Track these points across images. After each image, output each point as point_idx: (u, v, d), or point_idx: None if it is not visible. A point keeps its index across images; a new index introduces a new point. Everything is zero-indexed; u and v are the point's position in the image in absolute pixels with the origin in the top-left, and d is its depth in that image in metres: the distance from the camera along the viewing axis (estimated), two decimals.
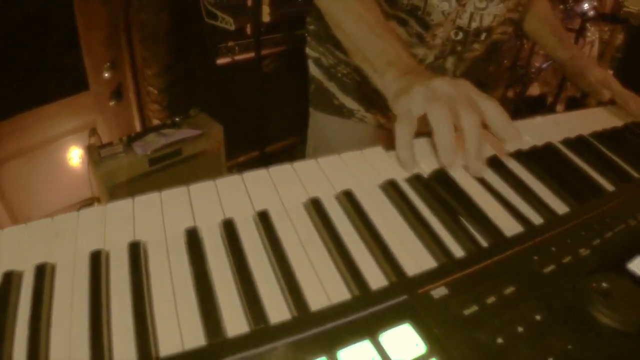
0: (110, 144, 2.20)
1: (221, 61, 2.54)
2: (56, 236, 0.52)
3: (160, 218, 0.55)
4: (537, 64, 4.01)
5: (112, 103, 2.67)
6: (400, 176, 0.62)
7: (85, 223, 0.54)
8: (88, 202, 2.61)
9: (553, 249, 0.50)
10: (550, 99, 3.97)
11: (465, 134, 0.62)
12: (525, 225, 0.56)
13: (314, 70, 1.27)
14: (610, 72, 4.08)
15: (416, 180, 0.61)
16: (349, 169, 0.62)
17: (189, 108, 2.45)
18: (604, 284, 0.44)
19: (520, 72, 3.91)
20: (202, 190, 0.58)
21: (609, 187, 0.73)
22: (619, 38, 4.15)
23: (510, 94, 3.96)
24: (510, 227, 0.55)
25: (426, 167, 0.66)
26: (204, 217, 0.54)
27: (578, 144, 0.85)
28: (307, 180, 0.59)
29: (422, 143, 0.70)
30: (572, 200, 0.64)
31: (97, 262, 0.48)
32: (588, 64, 1.21)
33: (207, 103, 2.51)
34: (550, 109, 3.81)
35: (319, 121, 1.29)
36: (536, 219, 0.59)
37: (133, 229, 0.53)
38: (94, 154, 2.12)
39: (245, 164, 2.74)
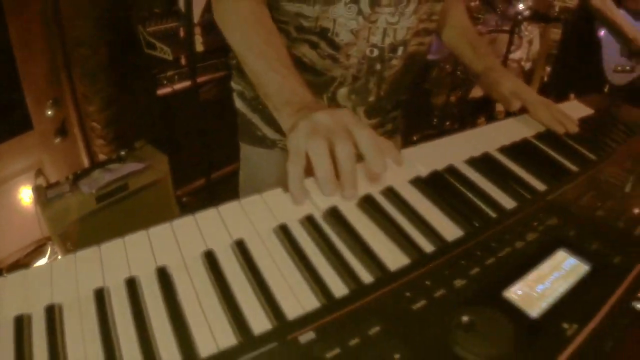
0: (56, 183, 2.19)
1: (162, 91, 2.57)
2: None
3: (75, 279, 0.58)
4: None
5: (57, 140, 2.67)
6: (295, 217, 0.67)
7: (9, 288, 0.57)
8: (40, 243, 2.60)
9: (428, 282, 0.54)
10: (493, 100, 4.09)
11: (338, 162, 0.68)
12: (411, 255, 0.61)
13: (238, 102, 1.30)
14: (548, 68, 4.21)
15: (307, 222, 0.65)
16: (247, 216, 0.66)
17: (134, 140, 2.46)
18: (465, 318, 0.49)
19: (462, 77, 4.01)
20: (113, 249, 0.62)
21: (510, 204, 0.78)
22: (556, 32, 4.27)
23: (452, 98, 4.05)
24: (396, 259, 0.60)
25: (321, 204, 0.70)
26: (113, 276, 0.58)
27: (482, 162, 0.90)
28: (206, 231, 0.63)
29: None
30: (467, 224, 0.69)
31: (20, 327, 0.51)
32: (501, 74, 1.24)
33: (152, 134, 2.52)
34: (492, 110, 3.92)
35: (246, 152, 1.33)
36: (427, 246, 0.64)
37: (51, 292, 0.56)
38: (40, 195, 2.12)
39: (193, 192, 2.77)
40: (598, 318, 0.55)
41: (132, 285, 0.55)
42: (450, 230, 0.68)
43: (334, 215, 0.67)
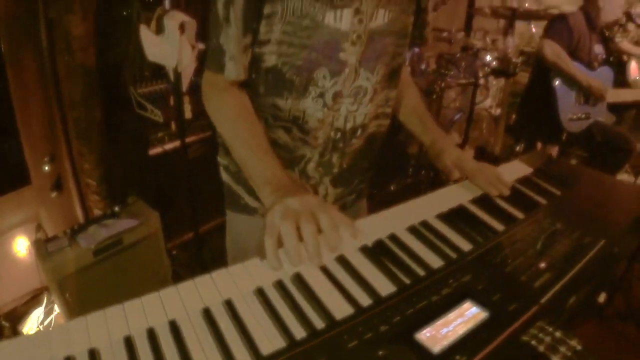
0: (55, 237, 2.36)
1: (153, 151, 2.77)
2: None
3: (106, 329, 0.79)
4: (449, 117, 4.39)
5: (53, 195, 2.84)
6: (269, 281, 0.90)
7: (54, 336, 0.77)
8: (36, 293, 2.75)
9: (360, 328, 0.77)
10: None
11: (305, 240, 0.93)
12: (354, 307, 0.84)
13: (224, 175, 1.51)
14: (514, 116, 4.46)
15: (278, 285, 0.89)
16: (233, 280, 0.89)
17: (127, 196, 2.66)
18: (381, 353, 0.72)
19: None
20: (133, 306, 0.84)
21: (439, 263, 1.00)
22: (524, 76, 4.52)
23: None
24: (342, 310, 0.83)
25: (289, 270, 0.94)
26: (136, 327, 0.80)
27: (420, 228, 1.13)
28: (203, 292, 0.87)
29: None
30: (398, 282, 0.92)
31: None
32: (446, 146, 1.46)
33: (143, 190, 2.71)
34: None
35: (231, 218, 1.53)
36: (366, 300, 0.87)
37: (89, 339, 0.77)
38: (41, 248, 2.29)
39: (182, 245, 2.96)
40: (486, 351, 0.77)
41: (151, 334, 0.77)
42: (386, 288, 0.91)
43: (298, 279, 0.90)
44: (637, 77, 4.53)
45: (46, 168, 2.78)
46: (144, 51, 2.51)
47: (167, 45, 2.21)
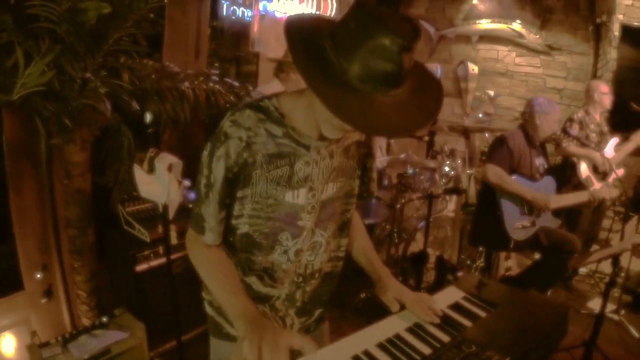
0: (48, 343, 2.59)
1: (140, 268, 3.02)
2: None
3: None
4: (414, 225, 4.75)
5: (44, 301, 3.10)
6: None
7: None
8: None
9: None
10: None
11: (262, 357, 1.23)
12: None
13: (208, 308, 1.77)
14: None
15: None
16: None
17: (114, 307, 2.91)
18: None
19: (401, 235, 4.68)
20: None
21: None
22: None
23: (397, 253, 4.67)
24: None
25: None
26: None
27: (361, 357, 1.43)
28: None
29: None
30: None
31: None
32: (389, 283, 1.76)
33: (130, 302, 2.98)
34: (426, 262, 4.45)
35: (215, 344, 1.78)
36: None
37: None
38: (35, 353, 2.52)
39: (165, 354, 3.14)
40: None
41: None
42: None
43: None
44: (589, 175, 4.96)
45: (38, 276, 3.07)
46: (133, 174, 2.78)
47: (158, 183, 2.52)
